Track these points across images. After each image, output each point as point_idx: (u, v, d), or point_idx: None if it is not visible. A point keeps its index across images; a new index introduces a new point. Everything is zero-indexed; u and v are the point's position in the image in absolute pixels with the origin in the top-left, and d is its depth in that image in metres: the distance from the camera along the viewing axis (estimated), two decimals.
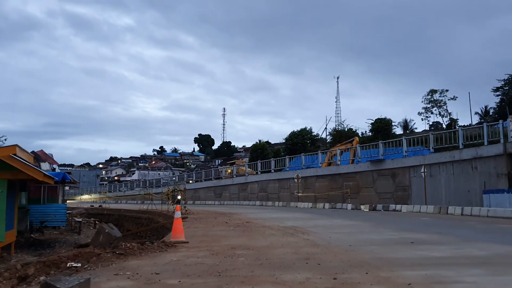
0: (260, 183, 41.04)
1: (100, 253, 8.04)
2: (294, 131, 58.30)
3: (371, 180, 31.32)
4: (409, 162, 28.93)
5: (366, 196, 31.31)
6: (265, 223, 15.75)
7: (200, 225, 15.59)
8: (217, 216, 20.58)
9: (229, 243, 10.00)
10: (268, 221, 17.02)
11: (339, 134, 56.19)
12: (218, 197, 46.03)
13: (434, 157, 27.40)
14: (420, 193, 27.72)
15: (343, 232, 12.41)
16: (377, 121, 52.64)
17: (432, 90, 51.41)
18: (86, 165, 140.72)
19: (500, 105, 53.02)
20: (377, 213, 23.31)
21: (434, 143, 28.46)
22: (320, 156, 37.48)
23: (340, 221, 16.68)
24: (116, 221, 33.13)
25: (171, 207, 24.67)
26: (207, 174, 50.67)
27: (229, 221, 17.03)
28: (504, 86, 54.30)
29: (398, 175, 29.49)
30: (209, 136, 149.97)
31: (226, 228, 14.12)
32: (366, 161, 32.04)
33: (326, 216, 20.32)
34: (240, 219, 18.51)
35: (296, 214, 21.95)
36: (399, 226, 14.12)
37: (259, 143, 64.12)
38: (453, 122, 49.58)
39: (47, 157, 32.37)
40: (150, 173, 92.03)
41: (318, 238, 10.73)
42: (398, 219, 17.68)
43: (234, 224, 15.50)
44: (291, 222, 16.35)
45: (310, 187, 35.64)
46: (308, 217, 19.60)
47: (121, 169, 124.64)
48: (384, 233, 11.97)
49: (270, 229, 13.59)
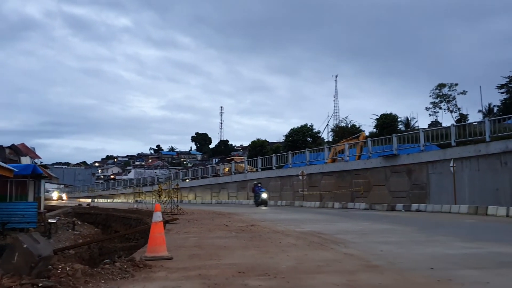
0: (260, 181, 37.32)
1: (11, 286, 4.41)
2: (294, 128, 54.68)
3: (383, 177, 27.70)
4: (427, 157, 25.35)
5: (377, 194, 27.69)
6: (276, 227, 12.09)
7: (193, 229, 11.89)
8: (214, 217, 16.88)
9: (234, 262, 6.36)
10: (278, 224, 13.35)
11: (342, 131, 52.49)
12: (216, 195, 42.28)
13: (456, 151, 23.83)
14: (440, 191, 24.18)
15: (389, 241, 8.76)
16: (382, 117, 48.94)
17: (441, 84, 47.58)
18: (82, 164, 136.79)
19: (505, 103, 49.94)
20: (400, 214, 19.65)
21: (456, 136, 24.92)
22: (327, 152, 33.84)
23: (368, 225, 13.03)
24: (104, 221, 29.67)
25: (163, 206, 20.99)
26: (204, 172, 46.83)
27: (229, 224, 13.35)
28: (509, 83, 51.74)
29: (414, 172, 25.89)
30: (206, 135, 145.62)
31: (226, 234, 10.44)
32: (378, 157, 28.43)
33: (344, 217, 16.67)
34: (243, 220, 14.84)
35: (307, 215, 18.28)
36: (456, 232, 10.48)
37: (258, 140, 60.39)
38: (463, 118, 45.94)
39: (29, 151, 28.69)
40: (146, 172, 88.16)
41: (364, 252, 7.11)
42: (440, 222, 14.04)
43: (237, 228, 11.81)
44: (307, 225, 12.69)
45: (316, 185, 32.00)
46: (324, 218, 15.96)
47: (117, 168, 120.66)
48: (451, 243, 8.32)
49: (285, 235, 9.92)
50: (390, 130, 43.62)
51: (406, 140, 28.18)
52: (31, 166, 17.16)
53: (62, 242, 15.57)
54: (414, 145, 27.40)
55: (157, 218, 6.80)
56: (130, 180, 63.00)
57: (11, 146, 27.59)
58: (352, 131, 49.77)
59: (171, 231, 11.16)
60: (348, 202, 28.15)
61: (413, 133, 28.79)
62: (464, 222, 13.98)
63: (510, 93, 51.07)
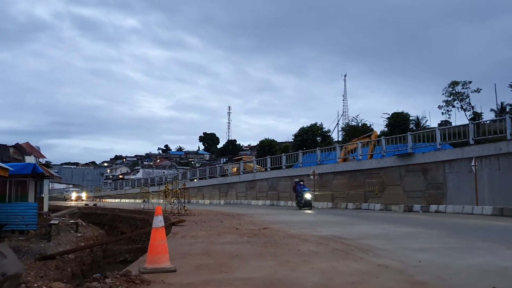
0: (269, 181, 36.21)
1: None
2: (304, 127, 53.48)
3: (397, 176, 26.47)
4: (443, 156, 24.10)
5: (391, 194, 26.47)
6: (291, 230, 11.00)
7: (200, 232, 10.83)
8: (223, 219, 15.81)
9: (249, 275, 5.30)
10: (292, 226, 12.26)
11: (352, 130, 51.22)
12: (224, 195, 41.24)
13: (474, 150, 22.58)
14: (457, 191, 22.94)
15: (424, 248, 7.64)
16: (393, 116, 47.65)
17: (454, 81, 46.07)
18: (91, 164, 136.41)
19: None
20: (419, 216, 18.48)
21: (474, 134, 23.67)
22: (338, 151, 32.66)
23: (391, 228, 11.90)
24: (110, 221, 28.82)
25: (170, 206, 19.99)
26: (212, 171, 45.76)
27: (240, 227, 12.26)
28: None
29: (430, 171, 24.65)
30: (214, 134, 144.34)
31: (237, 239, 9.36)
32: (392, 156, 27.20)
33: (362, 219, 15.53)
34: (254, 223, 13.76)
35: (321, 217, 17.17)
36: (495, 238, 9.29)
37: (267, 140, 59.22)
38: (477, 116, 44.44)
39: (33, 150, 27.83)
40: (154, 172, 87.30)
41: (401, 263, 6.01)
42: (469, 225, 12.84)
43: (248, 232, 10.72)
44: (324, 228, 11.59)
45: (327, 185, 30.83)
46: (340, 220, 14.84)
47: (125, 168, 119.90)
48: (498, 252, 7.17)
49: (303, 241, 8.82)
50: (402, 129, 42.34)
51: (422, 139, 26.96)
52: (31, 165, 16.18)
53: (62, 245, 14.60)
54: (429, 144, 26.23)
55: (158, 223, 5.75)
56: (137, 180, 62.08)
57: (15, 145, 26.72)
58: (363, 130, 48.44)
59: (177, 235, 10.14)
60: (362, 202, 27.02)
61: (429, 131, 27.59)
62: (495, 225, 12.77)
63: None
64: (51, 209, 36.34)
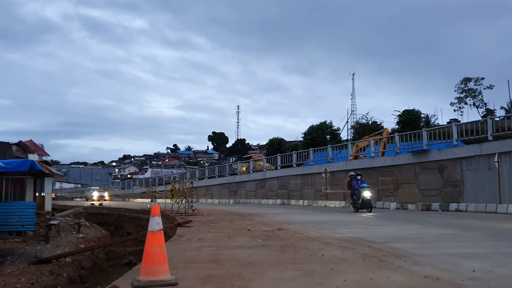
0: (280, 179, 35.04)
1: None
2: (313, 125, 52.27)
3: (412, 174, 25.22)
4: (461, 152, 22.83)
5: (406, 193, 25.23)
6: (308, 232, 9.84)
7: (208, 235, 9.71)
8: (233, 219, 14.67)
9: None
10: (309, 227, 11.09)
11: (362, 128, 49.88)
12: (233, 194, 40.12)
13: (493, 145, 21.32)
14: (476, 189, 21.67)
15: (470, 254, 6.46)
16: (404, 113, 46.27)
17: (466, 78, 44.81)
18: (99, 164, 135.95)
19: None
20: (440, 215, 17.22)
21: (493, 130, 22.40)
22: (350, 148, 31.42)
23: (418, 228, 10.69)
24: (116, 222, 27.79)
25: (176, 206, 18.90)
26: (221, 170, 44.64)
27: (252, 228, 11.11)
28: None
29: (446, 169, 23.39)
30: (223, 134, 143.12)
31: (250, 242, 8.21)
32: (407, 153, 25.95)
33: (382, 219, 14.32)
34: (266, 223, 12.62)
35: (338, 216, 15.98)
36: None
37: (276, 138, 58.10)
38: (490, 113, 43.10)
39: (37, 148, 26.96)
40: (163, 171, 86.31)
41: (452, 274, 4.84)
42: (504, 226, 11.63)
43: (261, 234, 9.58)
44: (344, 229, 10.41)
45: (339, 183, 29.59)
46: (359, 220, 13.65)
47: (134, 167, 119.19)
48: None
49: (325, 244, 7.66)
50: (413, 126, 40.95)
51: (437, 136, 25.59)
52: (29, 162, 15.14)
53: (61, 247, 13.52)
54: (444, 141, 24.99)
55: (155, 225, 4.65)
56: (145, 179, 61.15)
57: (18, 143, 25.82)
58: (373, 128, 47.15)
59: (182, 238, 9.04)
60: (376, 201, 25.82)
61: (445, 127, 26.29)
62: None
63: None
64: (57, 208, 35.49)
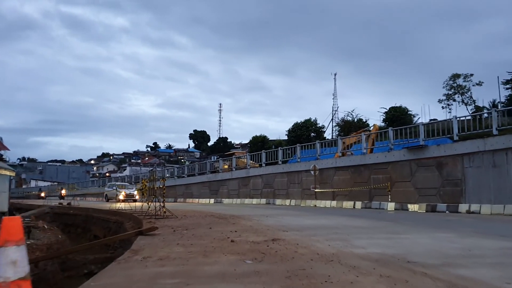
0: (264, 177, 32.39)
1: None
2: (298, 122, 50.15)
3: (408, 172, 22.89)
4: (462, 148, 20.59)
5: (400, 192, 22.89)
6: (315, 245, 7.19)
7: (176, 249, 6.93)
8: (213, 223, 11.92)
9: None
10: (312, 236, 8.42)
11: (348, 125, 47.78)
12: (214, 194, 37.32)
13: (499, 140, 19.16)
14: (478, 188, 19.47)
15: None
16: (391, 110, 44.37)
17: (455, 74, 43.03)
18: (78, 162, 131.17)
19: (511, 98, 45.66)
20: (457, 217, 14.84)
21: (498, 124, 20.25)
22: (340, 144, 29.00)
23: (456, 238, 8.17)
24: (83, 223, 24.76)
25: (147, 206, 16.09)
26: (202, 168, 41.76)
27: (237, 237, 8.39)
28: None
29: (445, 166, 21.14)
30: (204, 132, 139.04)
31: (236, 266, 5.42)
32: (402, 149, 23.62)
33: (394, 223, 11.78)
34: (254, 229, 9.95)
35: (337, 219, 13.37)
36: None
37: (260, 136, 55.72)
38: (479, 111, 41.34)
39: None
40: (142, 170, 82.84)
41: None
42: None
43: (251, 248, 6.87)
44: (362, 240, 7.80)
45: (327, 181, 27.15)
46: (369, 225, 11.07)
47: (112, 166, 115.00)
48: None
49: (351, 269, 5.02)
50: (400, 123, 39.02)
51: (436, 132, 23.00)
52: None
53: None
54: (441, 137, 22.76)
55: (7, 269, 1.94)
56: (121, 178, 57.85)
57: None
58: (358, 126, 45.25)
59: (136, 256, 6.27)
60: (366, 200, 23.50)
61: (444, 122, 24.10)
62: None
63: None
64: (22, 208, 32.35)
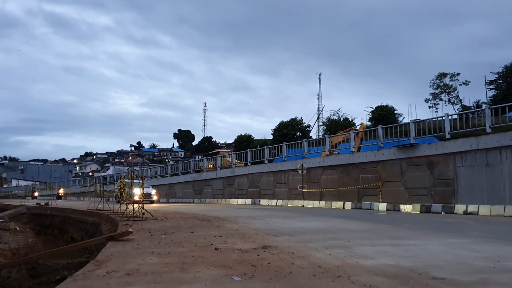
0: (250, 177, 31.31)
1: None
2: (283, 121, 49.26)
3: (398, 171, 22.06)
4: (454, 147, 19.83)
5: (390, 192, 22.05)
6: (313, 253, 6.15)
7: (150, 260, 5.81)
8: (195, 226, 10.79)
9: None
10: (307, 242, 7.40)
11: (334, 124, 47.01)
12: (198, 193, 36.12)
13: (492, 139, 18.44)
14: (471, 188, 18.73)
15: None
16: (377, 109, 43.71)
17: (442, 73, 42.60)
18: (60, 161, 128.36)
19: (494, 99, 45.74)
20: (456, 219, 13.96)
21: (492, 121, 19.55)
22: (328, 143, 28.09)
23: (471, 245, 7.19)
24: (60, 224, 23.39)
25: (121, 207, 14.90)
26: (185, 167, 40.50)
27: (221, 243, 7.29)
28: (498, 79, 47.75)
29: (437, 165, 20.36)
30: (189, 131, 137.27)
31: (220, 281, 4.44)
32: (392, 147, 22.80)
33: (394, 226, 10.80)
34: (241, 234, 8.89)
35: (330, 221, 12.37)
36: None
37: (245, 135, 54.73)
38: (466, 110, 41.08)
39: None
40: (125, 169, 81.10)
41: None
42: None
43: (238, 259, 5.78)
44: (366, 247, 6.76)
45: (314, 181, 26.21)
46: (368, 228, 10.08)
47: (95, 165, 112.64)
48: None
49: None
50: (387, 123, 38.39)
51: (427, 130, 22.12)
52: None
53: None
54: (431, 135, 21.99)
55: None
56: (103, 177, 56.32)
57: None
58: (345, 125, 44.55)
59: (99, 269, 5.13)
60: (355, 200, 22.65)
61: (435, 120, 23.35)
62: None
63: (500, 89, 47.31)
64: None
